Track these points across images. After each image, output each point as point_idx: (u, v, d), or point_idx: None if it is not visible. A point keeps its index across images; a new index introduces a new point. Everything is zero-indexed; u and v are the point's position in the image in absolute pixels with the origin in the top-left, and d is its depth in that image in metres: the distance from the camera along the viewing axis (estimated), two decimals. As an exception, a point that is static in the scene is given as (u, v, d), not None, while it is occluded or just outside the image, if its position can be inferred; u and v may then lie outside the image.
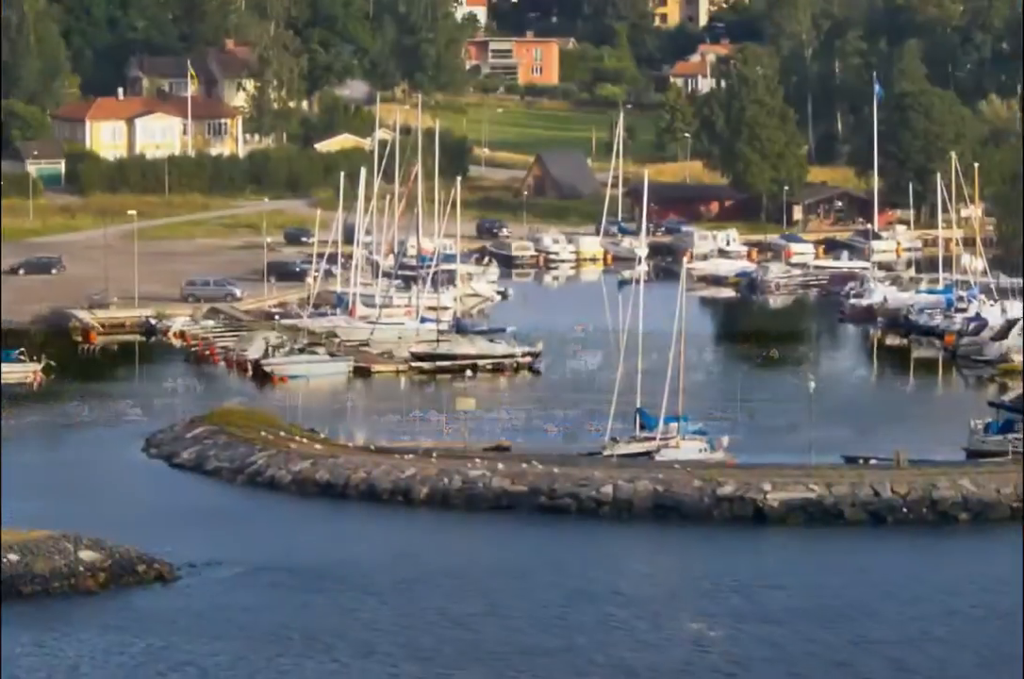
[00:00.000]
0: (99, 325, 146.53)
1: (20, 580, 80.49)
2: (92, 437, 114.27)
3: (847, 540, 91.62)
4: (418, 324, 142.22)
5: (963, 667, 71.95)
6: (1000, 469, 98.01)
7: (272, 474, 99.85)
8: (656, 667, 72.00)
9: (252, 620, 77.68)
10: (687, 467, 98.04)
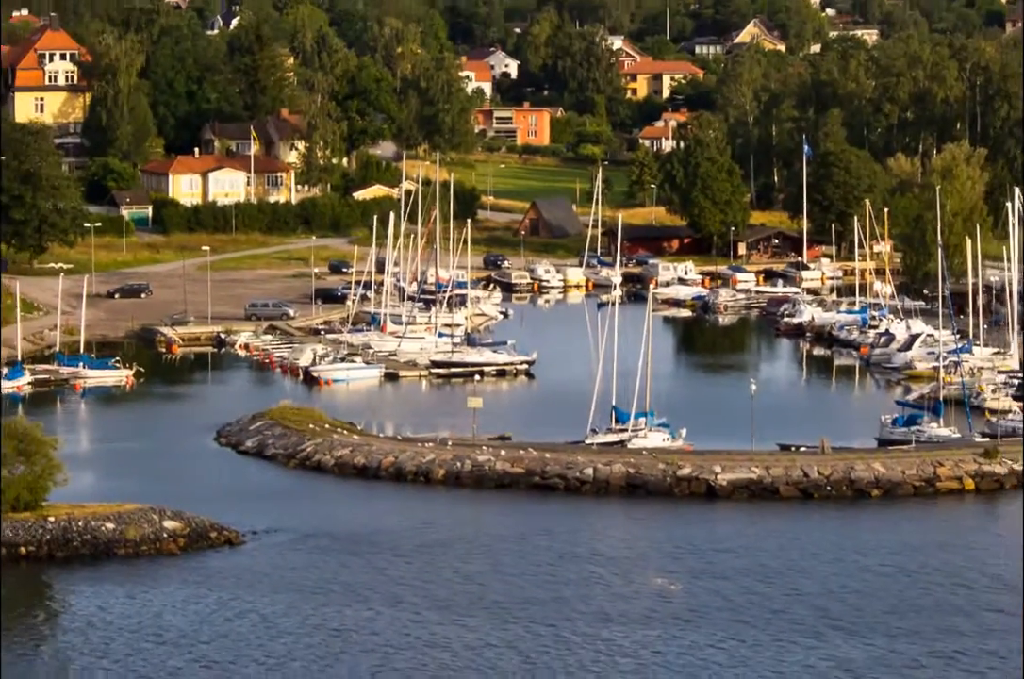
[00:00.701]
0: (179, 339, 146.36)
1: (115, 544, 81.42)
2: (173, 429, 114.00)
3: (782, 512, 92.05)
4: (436, 338, 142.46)
5: (874, 613, 72.91)
6: (905, 455, 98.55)
7: (318, 459, 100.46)
8: (627, 614, 73.10)
9: (302, 576, 78.63)
10: (653, 453, 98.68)
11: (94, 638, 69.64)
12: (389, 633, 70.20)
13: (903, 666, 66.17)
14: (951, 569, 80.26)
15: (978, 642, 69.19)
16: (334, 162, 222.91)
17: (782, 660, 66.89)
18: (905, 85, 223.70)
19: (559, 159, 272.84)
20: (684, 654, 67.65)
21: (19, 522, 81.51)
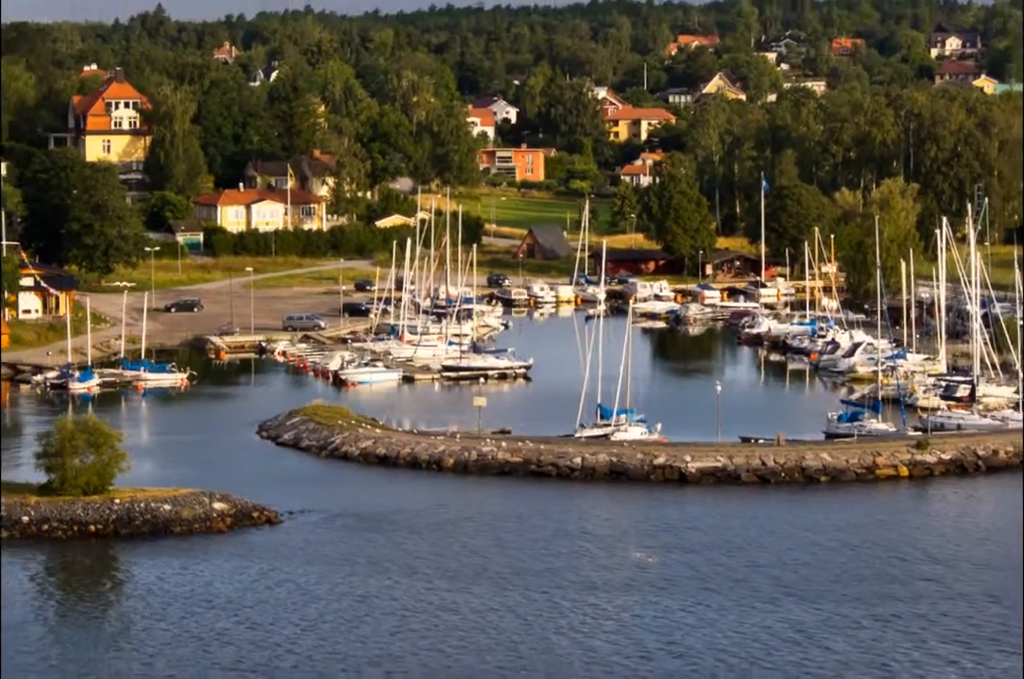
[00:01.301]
0: (226, 347, 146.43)
1: (171, 523, 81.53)
2: (221, 424, 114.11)
3: (743, 496, 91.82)
4: (447, 346, 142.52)
5: (822, 583, 73.10)
6: (848, 446, 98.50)
7: (345, 450, 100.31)
8: (610, 583, 73.25)
9: (331, 550, 78.70)
10: (632, 445, 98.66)
11: (153, 603, 69.86)
12: (406, 599, 70.37)
13: (847, 627, 66.37)
14: (888, 544, 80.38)
15: (911, 607, 69.40)
16: (359, 195, 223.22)
17: (743, 622, 67.01)
18: (848, 129, 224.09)
19: (552, 193, 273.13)
20: (659, 617, 67.82)
21: (89, 504, 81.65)
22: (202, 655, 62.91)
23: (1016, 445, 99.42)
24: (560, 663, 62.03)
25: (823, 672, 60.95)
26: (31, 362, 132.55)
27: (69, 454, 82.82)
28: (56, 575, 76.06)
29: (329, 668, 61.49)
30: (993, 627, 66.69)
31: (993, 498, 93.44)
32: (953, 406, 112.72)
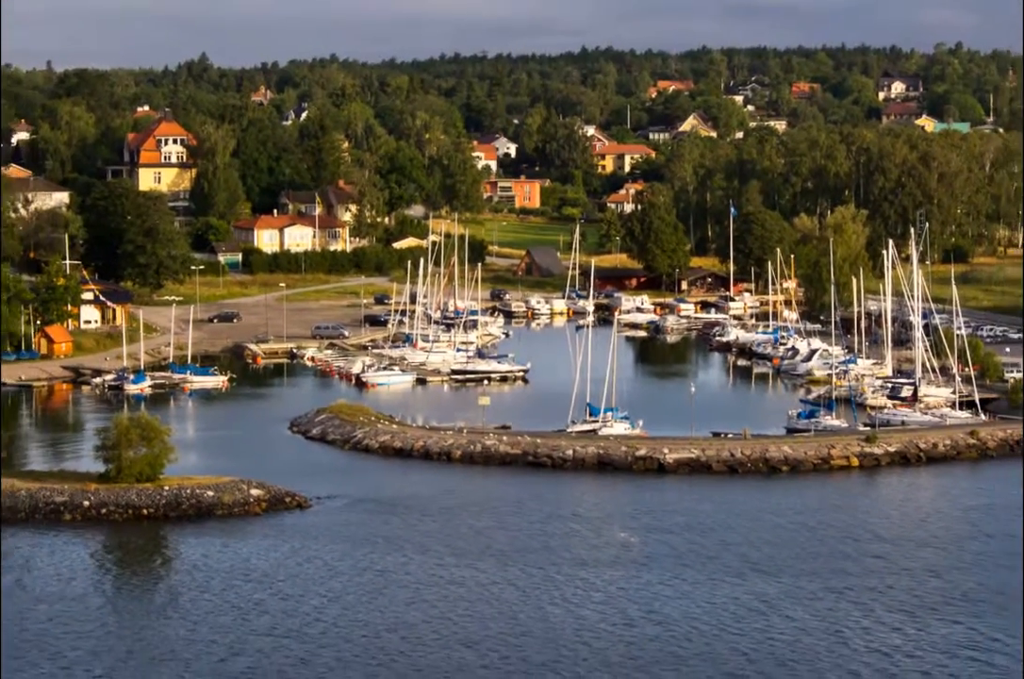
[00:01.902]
0: (262, 353, 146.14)
1: (214, 507, 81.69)
2: (257, 420, 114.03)
3: (714, 483, 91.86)
4: (455, 352, 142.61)
5: (783, 559, 73.29)
6: (806, 440, 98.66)
7: (367, 443, 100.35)
8: (598, 559, 73.41)
9: (354, 531, 78.85)
10: (617, 439, 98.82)
11: (198, 577, 70.11)
12: (419, 573, 70.58)
13: (805, 598, 66.63)
14: (841, 525, 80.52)
15: (861, 580, 69.67)
16: (378, 220, 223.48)
17: (714, 594, 67.27)
18: (806, 162, 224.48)
19: (547, 218, 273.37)
20: (640, 589, 68.07)
21: (142, 490, 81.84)
22: (240, 622, 63.20)
23: (953, 439, 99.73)
24: (554, 629, 62.24)
25: (784, 637, 61.17)
26: (91, 366, 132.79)
27: (124, 447, 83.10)
28: (113, 553, 76.25)
29: (352, 634, 61.72)
30: (933, 598, 67.01)
31: (933, 485, 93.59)
32: (898, 405, 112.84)
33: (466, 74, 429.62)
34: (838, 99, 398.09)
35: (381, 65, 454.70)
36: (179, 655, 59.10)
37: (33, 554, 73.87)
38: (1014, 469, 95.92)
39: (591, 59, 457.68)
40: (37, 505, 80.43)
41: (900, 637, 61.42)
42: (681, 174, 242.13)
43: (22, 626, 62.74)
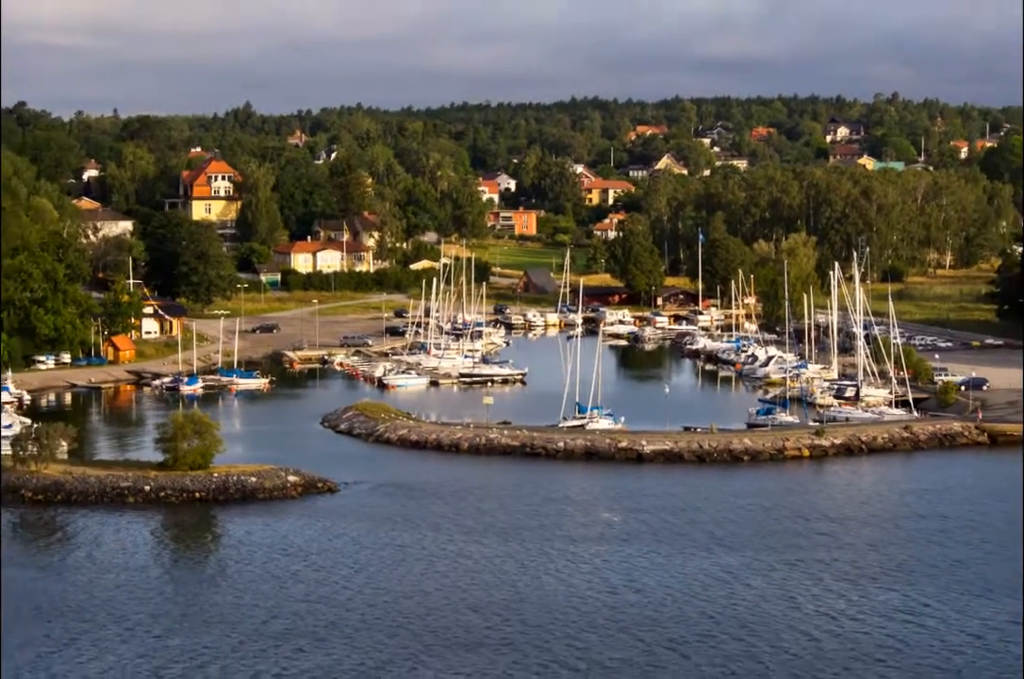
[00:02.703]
0: (298, 359, 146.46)
1: (256, 491, 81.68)
2: (294, 416, 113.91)
3: (685, 471, 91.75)
4: (463, 358, 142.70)
5: (744, 535, 73.21)
6: (764, 433, 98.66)
7: (387, 436, 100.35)
8: (586, 536, 73.26)
9: (376, 512, 78.69)
10: (602, 432, 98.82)
11: (242, 551, 70.07)
12: (432, 548, 70.56)
13: (763, 569, 66.61)
14: (794, 507, 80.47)
15: (811, 554, 69.60)
16: (397, 245, 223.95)
17: (685, 565, 67.25)
18: (764, 196, 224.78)
19: (542, 243, 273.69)
20: (622, 562, 68.03)
21: (195, 477, 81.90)
22: (279, 590, 63.22)
23: (890, 433, 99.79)
24: (548, 596, 62.27)
25: (745, 603, 61.19)
26: (151, 370, 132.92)
27: (180, 439, 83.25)
28: (169, 530, 76.27)
29: (375, 600, 61.74)
30: (873, 569, 67.06)
31: (873, 473, 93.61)
32: (842, 403, 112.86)
33: (472, 120, 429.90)
34: (791, 141, 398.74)
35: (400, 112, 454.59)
36: (226, 618, 59.17)
37: (101, 531, 73.96)
38: (943, 459, 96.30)
39: (579, 107, 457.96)
40: (105, 489, 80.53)
41: (845, 602, 61.48)
42: (657, 206, 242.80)
43: (91, 593, 62.81)
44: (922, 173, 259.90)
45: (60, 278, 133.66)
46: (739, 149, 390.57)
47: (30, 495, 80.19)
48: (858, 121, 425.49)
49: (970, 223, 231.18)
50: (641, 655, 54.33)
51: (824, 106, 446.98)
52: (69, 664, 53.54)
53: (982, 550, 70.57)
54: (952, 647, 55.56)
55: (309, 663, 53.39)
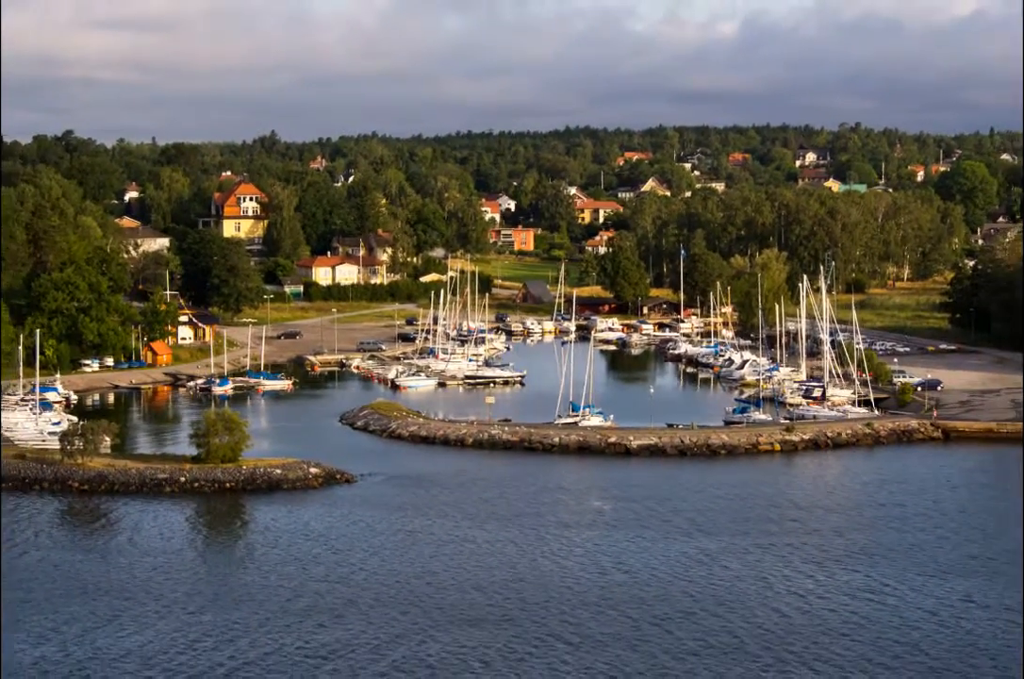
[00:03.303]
0: (319, 362, 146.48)
1: (281, 482, 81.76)
2: (315, 414, 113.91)
3: (669, 463, 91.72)
4: (467, 362, 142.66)
5: (722, 522, 73.24)
6: (740, 430, 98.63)
7: (399, 432, 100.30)
8: (579, 522, 73.36)
9: (389, 500, 78.72)
10: (593, 429, 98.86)
11: (268, 537, 70.17)
12: (440, 533, 70.63)
13: (739, 552, 66.68)
14: (766, 496, 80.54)
15: (782, 538, 69.66)
16: (408, 260, 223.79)
17: (668, 549, 67.35)
18: (740, 215, 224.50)
19: (539, 258, 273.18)
20: (611, 546, 68.11)
21: (226, 469, 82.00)
22: (301, 571, 63.33)
23: (854, 430, 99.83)
24: (544, 576, 62.35)
25: (722, 583, 61.27)
26: (186, 373, 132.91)
27: (212, 435, 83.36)
28: (202, 517, 76.31)
29: (388, 580, 61.83)
30: (838, 552, 67.13)
31: (838, 465, 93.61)
32: (810, 403, 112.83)
33: (476, 147, 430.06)
34: (764, 166, 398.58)
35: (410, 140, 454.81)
36: (254, 596, 59.25)
37: (141, 518, 74.04)
38: (901, 453, 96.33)
39: (573, 135, 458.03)
40: (144, 480, 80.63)
41: (812, 582, 61.54)
42: (642, 224, 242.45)
43: (132, 574, 62.89)
44: (882, 194, 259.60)
45: (104, 289, 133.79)
46: (717, 173, 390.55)
47: (76, 485, 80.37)
48: (824, 148, 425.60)
49: (925, 240, 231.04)
50: (629, 630, 54.45)
51: (794, 134, 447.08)
52: (112, 638, 53.62)
53: (936, 535, 70.67)
54: (909, 623, 55.65)
55: (329, 637, 53.48)
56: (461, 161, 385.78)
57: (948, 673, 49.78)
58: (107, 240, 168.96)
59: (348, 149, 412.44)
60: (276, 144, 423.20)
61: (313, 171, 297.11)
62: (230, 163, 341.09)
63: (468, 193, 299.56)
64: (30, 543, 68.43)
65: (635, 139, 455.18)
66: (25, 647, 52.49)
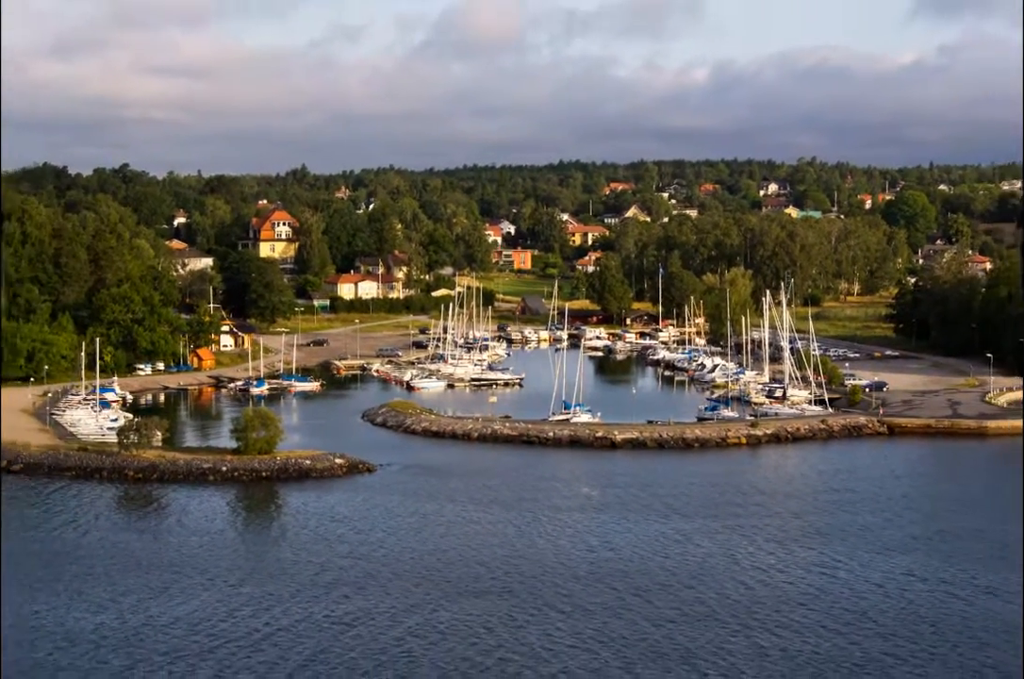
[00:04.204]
0: (343, 366, 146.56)
1: (310, 471, 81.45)
2: (340, 412, 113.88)
3: (649, 455, 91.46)
4: (473, 366, 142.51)
5: (694, 506, 72.93)
6: (711, 425, 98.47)
7: (413, 427, 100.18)
8: (570, 506, 73.05)
9: (404, 487, 78.43)
10: (583, 424, 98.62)
11: (299, 518, 70.08)
12: (450, 515, 70.53)
13: (709, 532, 66.52)
14: (734, 483, 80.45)
15: (747, 520, 69.54)
16: (421, 277, 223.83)
17: (647, 529, 67.19)
18: (711, 238, 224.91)
19: (536, 276, 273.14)
20: (598, 526, 68.07)
21: (262, 460, 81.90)
22: (328, 549, 63.25)
23: (810, 425, 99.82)
24: (540, 553, 62.25)
25: (696, 559, 61.19)
26: (227, 376, 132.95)
27: (250, 430, 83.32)
28: (241, 502, 76.23)
29: (403, 556, 61.76)
30: (796, 532, 67.04)
31: (796, 456, 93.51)
32: (772, 402, 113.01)
33: (480, 178, 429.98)
34: (732, 195, 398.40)
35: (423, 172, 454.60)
36: (286, 571, 59.23)
37: (188, 503, 74.02)
38: (851, 446, 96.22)
39: (565, 168, 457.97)
40: (191, 470, 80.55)
41: (774, 558, 61.53)
42: (626, 246, 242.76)
43: (180, 551, 62.86)
44: (835, 220, 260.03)
45: (156, 303, 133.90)
46: (691, 201, 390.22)
47: (131, 474, 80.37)
48: (784, 179, 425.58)
49: (873, 260, 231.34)
50: (614, 600, 54.42)
51: (757, 167, 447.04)
52: (163, 607, 53.65)
53: (882, 518, 70.64)
54: (858, 593, 55.69)
55: (352, 606, 53.48)
56: (467, 191, 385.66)
57: (893, 638, 49.83)
58: (158, 260, 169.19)
59: (369, 180, 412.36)
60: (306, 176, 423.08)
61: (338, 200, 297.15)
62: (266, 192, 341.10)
63: (473, 219, 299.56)
64: (91, 524, 68.49)
65: (619, 172, 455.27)
66: (87, 615, 52.54)
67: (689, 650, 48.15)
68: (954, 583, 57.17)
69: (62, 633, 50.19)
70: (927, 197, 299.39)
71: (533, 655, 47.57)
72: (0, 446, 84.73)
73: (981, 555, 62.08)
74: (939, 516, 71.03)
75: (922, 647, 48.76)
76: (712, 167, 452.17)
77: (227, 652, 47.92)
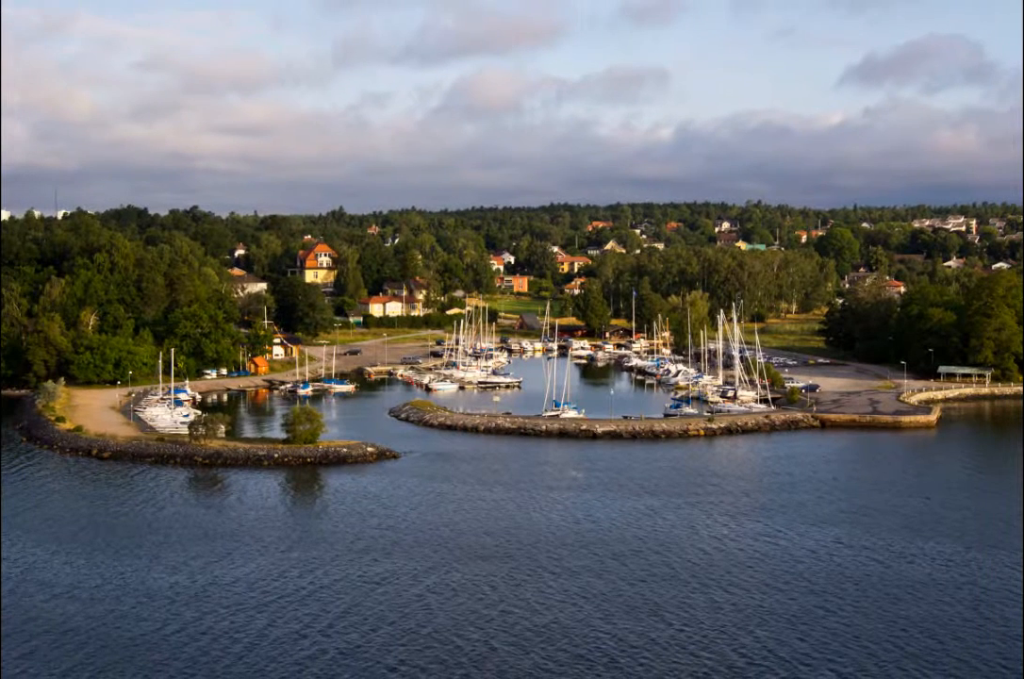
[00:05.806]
0: (374, 372, 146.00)
1: (347, 458, 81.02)
2: (371, 409, 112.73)
3: (625, 445, 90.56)
4: (480, 371, 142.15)
5: (662, 485, 72.44)
6: (676, 420, 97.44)
7: (431, 422, 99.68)
8: (559, 486, 72.69)
9: (425, 471, 78.05)
10: (570, 419, 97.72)
11: (337, 497, 69.91)
12: (461, 495, 70.36)
13: (674, 508, 66.44)
14: (695, 469, 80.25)
15: (705, 498, 69.43)
16: (438, 298, 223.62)
17: (623, 505, 67.04)
18: (675, 266, 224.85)
19: (531, 297, 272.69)
20: (584, 503, 67.91)
21: (307, 448, 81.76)
22: (361, 521, 63.20)
23: (756, 420, 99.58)
24: (535, 525, 62.21)
25: (662, 530, 61.09)
26: (279, 379, 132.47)
27: (297, 424, 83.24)
28: (291, 483, 76.05)
29: (423, 527, 61.72)
30: (746, 508, 66.95)
31: (746, 446, 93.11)
32: (725, 401, 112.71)
33: (486, 217, 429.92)
34: (693, 231, 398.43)
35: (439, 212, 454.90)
36: (327, 539, 59.24)
37: (246, 484, 73.88)
38: (790, 437, 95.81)
39: (556, 209, 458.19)
40: (248, 456, 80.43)
41: (727, 529, 61.50)
42: (605, 273, 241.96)
43: (240, 523, 62.82)
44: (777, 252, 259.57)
45: (220, 319, 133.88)
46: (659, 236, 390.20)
47: (200, 460, 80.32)
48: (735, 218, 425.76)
49: (808, 284, 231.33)
50: (595, 563, 54.44)
51: (713, 208, 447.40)
52: (225, 569, 53.69)
53: (815, 495, 70.58)
54: (796, 558, 55.73)
55: (381, 568, 53.51)
56: (475, 228, 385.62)
57: (824, 594, 49.92)
58: (222, 285, 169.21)
59: (394, 219, 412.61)
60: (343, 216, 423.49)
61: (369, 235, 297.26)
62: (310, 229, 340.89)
63: (480, 251, 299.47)
64: (167, 501, 68.51)
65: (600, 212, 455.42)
66: (163, 576, 52.61)
67: (657, 604, 48.27)
68: (874, 549, 57.25)
69: (144, 590, 50.31)
70: (852, 233, 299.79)
71: (529, 608, 47.72)
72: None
73: (895, 526, 62.16)
74: (862, 494, 71.02)
75: (847, 601, 48.94)
76: (676, 208, 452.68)
77: (278, 606, 48.05)
